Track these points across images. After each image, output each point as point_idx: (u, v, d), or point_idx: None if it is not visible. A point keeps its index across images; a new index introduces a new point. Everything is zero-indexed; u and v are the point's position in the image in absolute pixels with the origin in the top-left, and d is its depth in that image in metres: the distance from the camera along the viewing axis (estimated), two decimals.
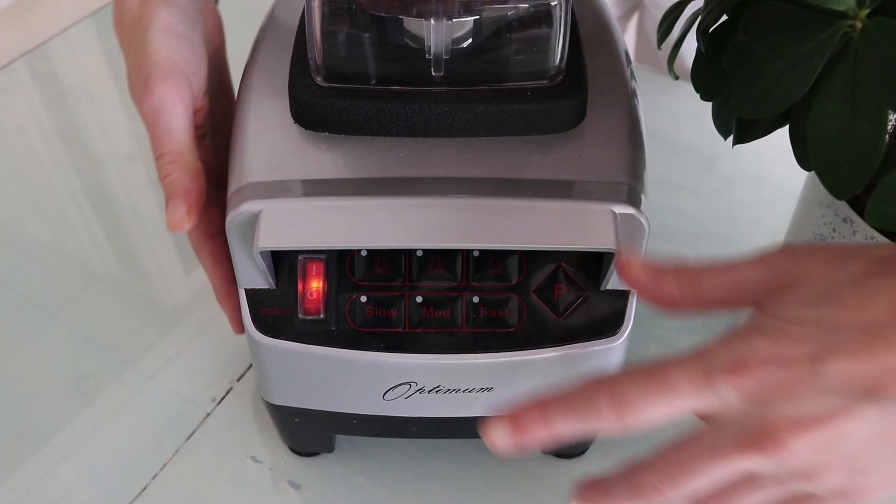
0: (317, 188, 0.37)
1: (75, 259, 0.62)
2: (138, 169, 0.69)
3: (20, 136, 0.72)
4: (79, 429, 0.52)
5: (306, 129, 0.39)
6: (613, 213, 0.36)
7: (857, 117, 0.33)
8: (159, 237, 0.64)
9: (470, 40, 0.40)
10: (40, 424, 0.52)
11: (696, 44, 0.44)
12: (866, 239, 0.43)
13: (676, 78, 0.47)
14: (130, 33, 0.42)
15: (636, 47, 0.87)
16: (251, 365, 0.54)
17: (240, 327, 0.41)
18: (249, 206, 0.37)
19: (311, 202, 0.36)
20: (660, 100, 0.71)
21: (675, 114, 0.71)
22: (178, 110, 0.40)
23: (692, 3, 0.46)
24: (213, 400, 0.52)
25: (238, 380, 0.53)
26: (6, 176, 0.68)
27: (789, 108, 0.35)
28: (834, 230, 0.45)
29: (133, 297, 0.59)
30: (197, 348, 0.56)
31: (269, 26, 0.45)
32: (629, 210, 0.37)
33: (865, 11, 0.33)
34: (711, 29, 0.42)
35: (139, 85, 0.40)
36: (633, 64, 0.45)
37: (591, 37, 0.45)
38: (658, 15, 0.75)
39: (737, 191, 0.65)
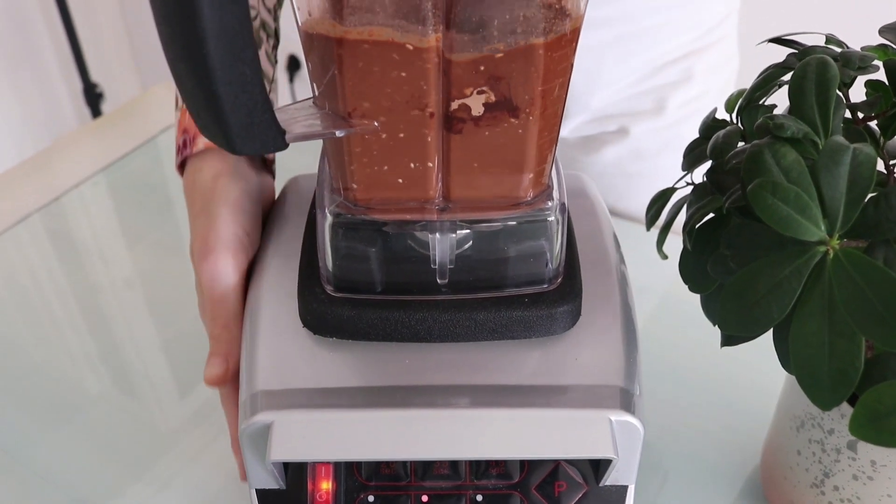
0: (326, 398, 0.39)
1: (62, 390, 0.62)
2: (137, 296, 0.70)
3: (31, 279, 0.74)
4: None
5: (315, 333, 0.41)
6: (610, 420, 0.38)
7: (834, 336, 0.35)
8: (156, 367, 0.65)
9: (470, 243, 0.42)
10: None
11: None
12: None
13: (666, 258, 0.50)
14: (201, 202, 0.48)
15: None
16: None
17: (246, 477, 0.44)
18: (262, 417, 0.38)
19: (321, 414, 0.38)
20: (647, 253, 0.73)
21: (663, 269, 0.73)
22: (235, 280, 0.45)
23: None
24: None
25: None
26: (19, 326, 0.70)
27: None
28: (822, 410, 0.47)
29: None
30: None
31: (277, 222, 0.48)
32: (625, 417, 0.38)
33: (836, 241, 0.35)
34: (697, 226, 0.45)
35: (203, 252, 0.45)
36: None
37: (580, 224, 0.47)
38: None
39: (734, 349, 0.66)
